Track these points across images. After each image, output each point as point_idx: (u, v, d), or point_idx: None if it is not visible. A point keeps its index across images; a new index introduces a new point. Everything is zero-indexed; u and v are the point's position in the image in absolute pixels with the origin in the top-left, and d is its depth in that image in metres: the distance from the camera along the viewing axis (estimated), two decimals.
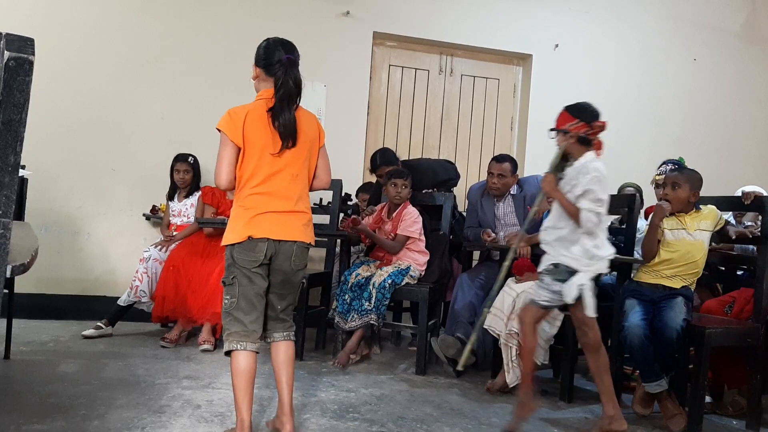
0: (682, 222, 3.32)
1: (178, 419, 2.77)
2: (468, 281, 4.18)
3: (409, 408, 3.20)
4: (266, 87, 2.53)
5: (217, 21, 5.17)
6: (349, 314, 3.96)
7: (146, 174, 5.01)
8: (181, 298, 4.24)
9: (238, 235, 2.44)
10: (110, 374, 3.43)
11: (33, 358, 3.68)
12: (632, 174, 5.11)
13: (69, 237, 4.91)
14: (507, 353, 3.51)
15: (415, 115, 5.77)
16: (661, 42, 6.17)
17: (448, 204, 4.39)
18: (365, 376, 3.79)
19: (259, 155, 2.45)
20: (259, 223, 2.45)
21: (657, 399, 3.18)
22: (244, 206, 2.46)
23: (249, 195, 2.46)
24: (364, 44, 5.48)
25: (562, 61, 5.90)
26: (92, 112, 4.92)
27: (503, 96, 5.99)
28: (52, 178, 4.69)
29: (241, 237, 2.44)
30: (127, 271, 4.58)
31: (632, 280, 3.46)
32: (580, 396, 3.64)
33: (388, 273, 3.99)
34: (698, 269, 3.32)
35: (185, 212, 4.70)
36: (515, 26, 5.81)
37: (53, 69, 4.63)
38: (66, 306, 4.82)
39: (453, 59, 5.86)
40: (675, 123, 6.19)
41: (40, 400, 2.91)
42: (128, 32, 5.00)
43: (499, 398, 3.49)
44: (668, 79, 6.19)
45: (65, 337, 4.26)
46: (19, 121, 1.04)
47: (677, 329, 3.03)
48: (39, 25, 4.65)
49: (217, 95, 5.03)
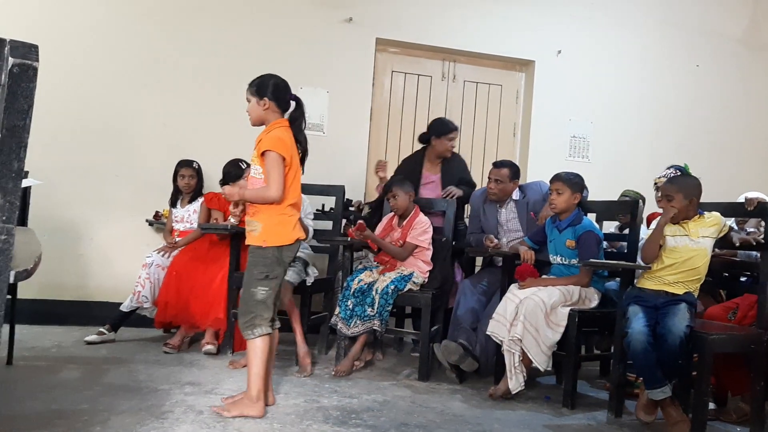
0: (684, 228, 3.32)
1: (180, 425, 2.76)
2: (470, 287, 4.17)
3: (411, 414, 3.19)
4: (275, 117, 3.04)
5: (220, 28, 5.18)
6: (352, 320, 3.96)
7: (149, 180, 5.01)
8: (184, 303, 4.24)
9: (288, 237, 3.00)
10: (112, 380, 3.43)
11: (35, 364, 3.68)
12: (633, 181, 5.11)
13: (72, 242, 4.91)
14: (510, 359, 3.50)
15: (417, 121, 5.77)
16: (662, 48, 6.18)
17: (451, 210, 4.38)
18: (368, 382, 3.78)
19: (296, 172, 3.03)
20: (298, 227, 3.05)
21: (660, 406, 3.17)
22: (287, 214, 3.00)
23: (290, 204, 3.00)
24: (367, 50, 5.49)
25: (565, 67, 5.90)
26: (95, 117, 4.93)
27: (506, 102, 5.99)
28: (55, 184, 4.69)
29: (291, 239, 3.00)
30: (130, 276, 4.58)
31: (635, 286, 3.46)
32: (583, 402, 3.62)
33: (390, 279, 3.99)
34: (701, 275, 3.31)
35: (188, 218, 4.70)
36: (518, 32, 5.82)
37: (56, 75, 4.64)
38: (68, 312, 4.82)
39: (456, 65, 5.86)
40: (677, 129, 6.18)
41: (42, 405, 2.91)
42: (131, 39, 5.02)
43: (502, 405, 3.48)
44: (670, 85, 6.19)
45: (68, 342, 4.26)
46: (23, 128, 1.04)
47: (680, 335, 3.02)
48: (43, 31, 4.66)
49: (220, 102, 5.05)
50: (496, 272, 4.23)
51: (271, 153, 2.92)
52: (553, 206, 3.78)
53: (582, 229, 3.70)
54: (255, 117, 3.05)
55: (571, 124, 5.93)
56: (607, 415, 3.40)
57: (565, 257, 3.77)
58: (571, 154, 5.92)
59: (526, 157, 5.83)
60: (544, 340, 3.46)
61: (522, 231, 4.27)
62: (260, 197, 2.95)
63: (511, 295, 3.64)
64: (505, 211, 4.35)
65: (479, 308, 4.07)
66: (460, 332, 3.98)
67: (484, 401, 3.54)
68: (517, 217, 4.31)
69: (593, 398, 3.75)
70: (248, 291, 2.99)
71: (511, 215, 4.34)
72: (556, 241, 3.80)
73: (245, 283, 3.02)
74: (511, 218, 4.34)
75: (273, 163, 2.91)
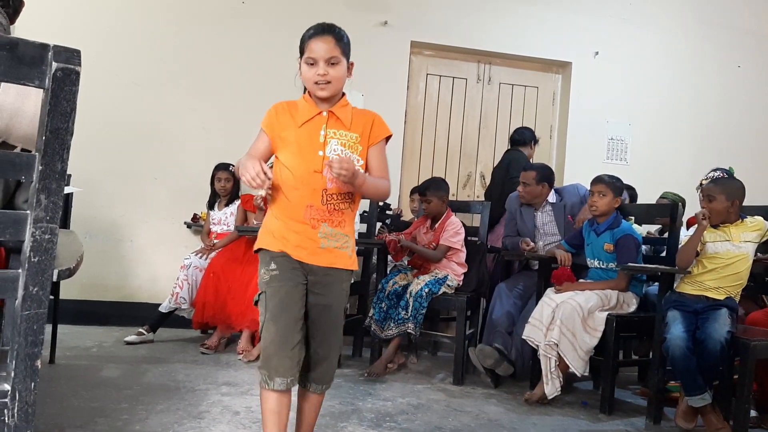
0: (726, 233, 3.25)
1: (217, 425, 2.80)
2: (506, 291, 4.14)
3: (446, 418, 3.18)
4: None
5: (259, 33, 5.24)
6: (386, 323, 3.96)
7: (187, 183, 5.09)
8: (221, 304, 4.30)
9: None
10: (151, 380, 3.48)
11: (77, 363, 3.76)
12: (674, 184, 5.03)
13: (112, 244, 5.01)
14: (546, 364, 3.47)
15: (452, 124, 5.76)
16: (703, 48, 6.06)
17: (486, 212, 4.36)
18: (402, 385, 3.78)
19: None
20: None
21: (701, 413, 3.11)
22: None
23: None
24: (402, 53, 5.50)
25: (602, 69, 5.83)
26: (136, 121, 5.02)
27: (542, 104, 5.94)
28: (95, 186, 4.79)
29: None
30: (168, 278, 4.65)
31: (674, 291, 3.40)
32: (620, 408, 3.57)
33: (425, 282, 3.98)
34: (742, 280, 3.24)
35: (225, 221, 4.76)
36: (554, 34, 5.77)
37: (98, 78, 4.73)
38: (109, 312, 4.91)
39: (491, 67, 5.84)
40: (718, 132, 6.06)
41: (83, 404, 2.97)
42: (173, 44, 5.11)
43: (538, 410, 3.45)
44: (711, 86, 6.07)
45: (108, 342, 4.34)
46: (66, 130, 1.07)
47: (721, 341, 2.96)
48: (85, 36, 4.76)
49: (257, 106, 5.06)
50: (532, 276, 4.19)
51: (385, 142, 2.26)
52: (594, 209, 3.73)
53: (620, 232, 3.65)
54: (339, 86, 2.17)
55: (608, 126, 5.86)
56: (645, 422, 3.34)
57: (603, 261, 3.72)
58: (608, 157, 5.84)
59: (563, 160, 5.78)
60: (581, 345, 3.42)
61: (559, 234, 4.22)
62: (377, 189, 2.19)
63: (548, 299, 3.61)
64: (541, 215, 4.31)
65: (515, 312, 4.04)
66: (496, 336, 3.95)
67: (520, 406, 3.51)
68: (554, 220, 4.27)
69: (631, 404, 3.69)
70: (338, 335, 2.25)
71: (548, 218, 4.30)
72: (594, 245, 3.76)
73: (334, 322, 2.21)
74: (548, 221, 4.29)
75: (385, 153, 2.26)
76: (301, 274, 2.13)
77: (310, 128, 2.14)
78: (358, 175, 2.04)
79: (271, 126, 2.19)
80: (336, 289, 2.18)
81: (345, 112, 2.18)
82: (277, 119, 2.19)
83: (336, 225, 2.14)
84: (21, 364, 1.07)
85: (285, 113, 2.19)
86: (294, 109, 2.19)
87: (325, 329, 2.18)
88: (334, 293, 2.18)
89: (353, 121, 2.18)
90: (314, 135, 2.13)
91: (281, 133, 2.16)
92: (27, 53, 1.04)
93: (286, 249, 2.12)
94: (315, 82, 2.12)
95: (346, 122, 2.17)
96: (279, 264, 2.12)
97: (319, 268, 2.14)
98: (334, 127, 2.15)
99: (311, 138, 2.13)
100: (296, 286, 2.11)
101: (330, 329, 2.19)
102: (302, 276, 2.13)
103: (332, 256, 2.14)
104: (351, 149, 2.15)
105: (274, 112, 2.21)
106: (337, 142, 2.14)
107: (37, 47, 1.05)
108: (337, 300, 2.19)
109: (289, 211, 2.14)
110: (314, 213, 2.11)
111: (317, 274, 2.14)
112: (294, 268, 2.12)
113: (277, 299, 2.09)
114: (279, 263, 2.12)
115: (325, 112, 2.16)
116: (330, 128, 2.14)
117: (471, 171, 5.82)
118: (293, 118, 2.16)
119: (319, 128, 2.14)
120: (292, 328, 2.07)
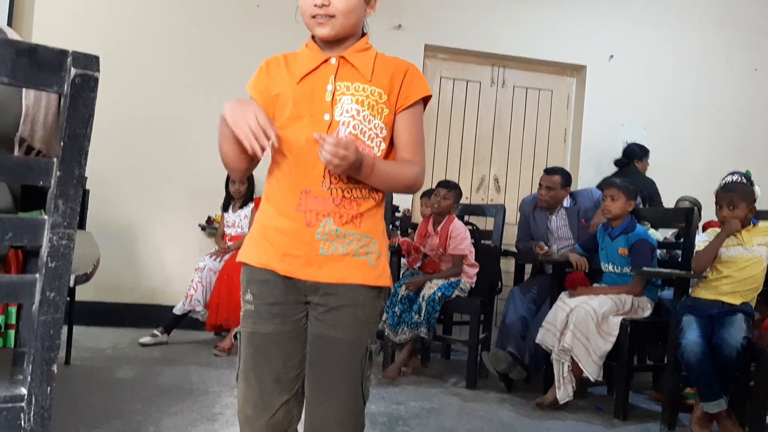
0: (738, 238, 3.22)
1: (230, 428, 2.81)
2: (520, 295, 4.13)
3: (459, 422, 3.17)
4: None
5: (274, 34, 5.23)
6: (399, 327, 3.95)
7: (202, 185, 5.10)
8: (235, 306, 4.30)
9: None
10: (165, 381, 3.50)
11: (92, 364, 3.79)
12: (690, 187, 4.99)
13: (127, 246, 5.04)
14: (559, 369, 3.45)
15: (466, 127, 5.74)
16: (719, 51, 6.01)
17: (499, 216, 4.35)
18: (415, 388, 3.77)
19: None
20: None
21: (716, 419, 3.08)
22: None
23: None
24: (416, 56, 5.49)
25: (618, 72, 5.79)
26: (151, 122, 5.05)
27: (556, 107, 5.92)
28: (111, 188, 4.82)
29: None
30: (183, 280, 4.67)
31: (690, 295, 3.37)
32: (634, 413, 3.55)
33: (438, 285, 3.97)
34: (758, 284, 3.22)
35: (239, 223, 4.77)
36: (569, 37, 5.74)
37: (113, 80, 4.73)
38: (124, 313, 4.94)
39: (505, 71, 5.82)
40: (735, 134, 6.00)
41: (98, 404, 3.00)
42: (188, 45, 5.13)
43: (551, 414, 3.43)
44: (727, 88, 6.02)
45: (123, 344, 4.37)
46: (83, 136, 1.07)
47: (737, 347, 2.94)
48: (101, 38, 4.79)
49: None
50: (545, 280, 4.17)
51: (422, 105, 1.57)
52: (607, 212, 3.71)
53: (635, 236, 3.63)
54: (347, 22, 1.51)
55: (623, 129, 5.81)
56: (660, 428, 3.32)
57: (618, 265, 3.70)
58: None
59: (577, 164, 5.74)
60: (594, 350, 3.40)
61: (572, 238, 4.21)
62: (396, 179, 1.51)
63: (562, 303, 3.59)
64: (555, 219, 4.30)
65: (529, 316, 4.02)
66: (509, 340, 3.94)
67: (533, 410, 3.49)
68: (568, 224, 4.25)
69: (645, 409, 3.67)
70: (350, 388, 1.47)
71: (562, 222, 4.28)
72: (608, 249, 3.74)
73: (342, 367, 1.47)
74: (562, 225, 4.28)
75: (421, 122, 1.57)
76: (292, 302, 1.49)
77: (313, 82, 1.50)
78: (363, 163, 1.39)
79: (262, 87, 1.57)
80: (347, 317, 1.46)
81: (364, 58, 1.53)
82: (269, 76, 1.56)
83: (347, 222, 1.46)
84: (37, 368, 1.07)
85: (279, 67, 1.56)
86: (293, 61, 1.56)
87: (326, 375, 1.46)
88: (344, 322, 1.46)
89: (376, 71, 1.52)
90: (318, 91, 1.49)
91: (273, 92, 1.54)
92: (46, 59, 1.05)
93: (269, 262, 1.48)
94: (312, 15, 1.50)
95: (364, 72, 1.50)
96: (256, 292, 1.50)
97: (319, 285, 1.47)
98: (347, 78, 1.50)
99: (314, 96, 1.49)
100: (282, 325, 1.49)
101: (334, 375, 1.46)
102: (294, 306, 1.50)
103: (340, 266, 1.46)
104: (372, 110, 1.49)
105: (265, 66, 1.59)
106: (352, 100, 1.48)
107: (56, 53, 1.05)
108: (350, 332, 1.47)
109: (277, 202, 1.52)
110: (311, 203, 1.46)
111: (317, 293, 1.48)
112: (277, 300, 1.48)
113: (251, 349, 1.52)
114: (257, 291, 1.50)
115: (334, 58, 1.51)
116: (341, 80, 1.49)
117: (485, 174, 5.80)
118: (290, 72, 1.54)
119: (326, 81, 1.50)
120: (271, 388, 1.50)
